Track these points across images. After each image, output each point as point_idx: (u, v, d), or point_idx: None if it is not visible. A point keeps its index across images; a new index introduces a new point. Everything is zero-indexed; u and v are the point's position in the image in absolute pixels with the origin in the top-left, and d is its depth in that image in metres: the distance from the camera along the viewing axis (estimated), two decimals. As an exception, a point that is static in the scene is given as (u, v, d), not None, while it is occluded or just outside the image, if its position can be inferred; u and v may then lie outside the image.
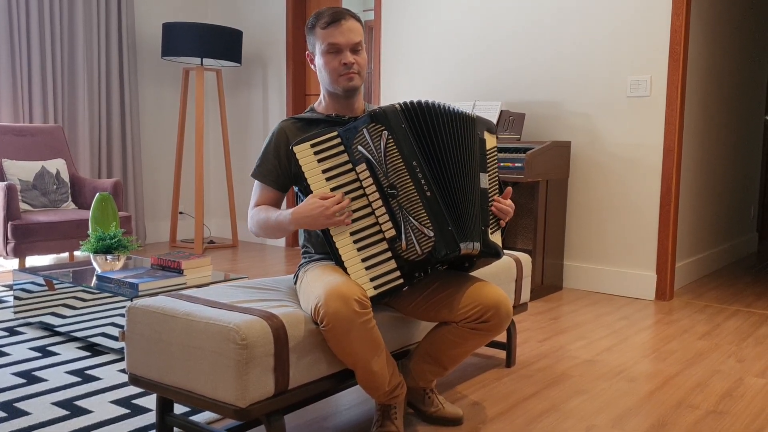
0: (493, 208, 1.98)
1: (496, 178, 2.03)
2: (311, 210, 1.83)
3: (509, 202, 2.02)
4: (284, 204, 5.39)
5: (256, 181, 2.07)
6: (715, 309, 3.80)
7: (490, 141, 2.04)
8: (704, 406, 2.35)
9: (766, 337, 3.25)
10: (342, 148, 1.88)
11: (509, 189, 2.03)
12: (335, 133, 1.89)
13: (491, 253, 1.94)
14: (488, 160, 2.00)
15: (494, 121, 4.17)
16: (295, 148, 1.88)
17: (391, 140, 1.86)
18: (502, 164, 3.82)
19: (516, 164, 3.76)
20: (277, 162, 2.03)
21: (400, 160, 1.86)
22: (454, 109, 1.96)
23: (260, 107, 5.87)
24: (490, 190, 1.98)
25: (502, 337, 2.99)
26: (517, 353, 2.89)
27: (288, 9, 5.60)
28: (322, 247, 2.07)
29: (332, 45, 1.98)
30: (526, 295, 2.80)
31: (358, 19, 2.03)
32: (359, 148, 1.86)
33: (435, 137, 1.90)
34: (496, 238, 1.97)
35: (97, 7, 5.16)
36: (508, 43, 4.44)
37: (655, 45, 3.90)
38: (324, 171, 1.87)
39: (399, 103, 1.92)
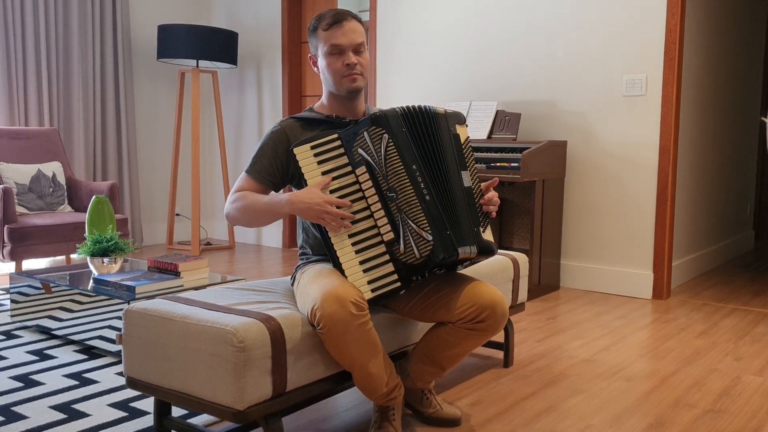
0: (482, 201, 1.96)
1: (475, 170, 2.00)
2: (311, 198, 1.84)
3: (493, 193, 2.00)
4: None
5: (245, 174, 2.04)
6: (712, 307, 3.81)
7: (463, 133, 2.00)
8: (702, 405, 2.36)
9: (763, 335, 3.26)
10: (342, 150, 1.89)
11: (495, 179, 2.00)
12: (335, 136, 1.89)
13: (486, 252, 1.94)
14: (465, 156, 1.97)
15: (490, 120, 4.18)
16: (296, 150, 1.88)
17: (392, 144, 1.87)
18: (498, 164, 3.82)
19: (512, 164, 3.76)
20: (273, 160, 2.02)
21: (401, 164, 1.86)
22: (433, 109, 1.95)
23: (256, 109, 5.87)
24: (474, 187, 1.97)
25: (499, 337, 2.99)
26: (514, 353, 2.90)
27: (283, 10, 5.60)
28: (319, 249, 2.07)
29: (335, 46, 1.98)
30: (523, 294, 2.80)
31: (359, 20, 2.03)
32: (359, 150, 1.87)
33: (432, 142, 1.91)
34: (487, 235, 1.97)
35: (92, 9, 5.15)
36: (503, 43, 4.44)
37: (651, 44, 3.90)
38: (324, 173, 1.88)
39: (400, 107, 1.92)
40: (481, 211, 1.96)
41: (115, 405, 2.25)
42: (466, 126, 2.06)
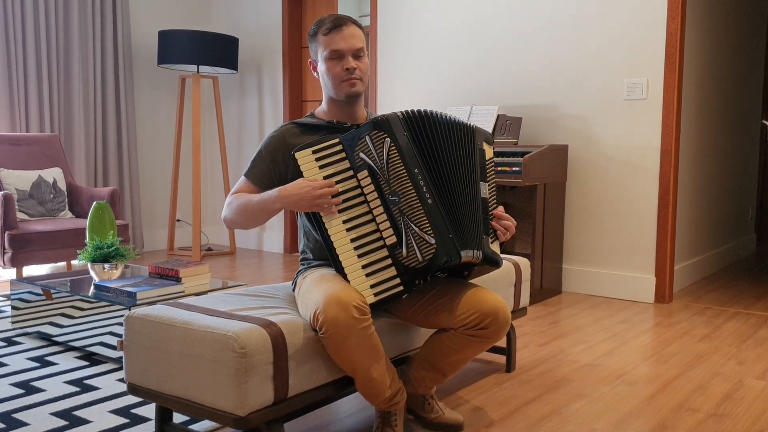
0: (494, 223, 1.99)
1: (494, 188, 2.04)
2: (299, 188, 1.85)
3: (509, 217, 2.04)
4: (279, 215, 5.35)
5: (243, 178, 2.06)
6: (715, 311, 3.80)
7: (489, 152, 2.05)
8: (705, 409, 2.35)
9: (766, 339, 3.25)
10: (343, 155, 1.89)
11: (501, 207, 2.04)
12: (337, 140, 1.90)
13: (491, 262, 1.94)
14: (487, 171, 2.01)
15: (491, 125, 4.17)
16: (297, 154, 1.88)
17: (394, 148, 1.87)
18: (499, 168, 3.82)
19: (514, 168, 3.76)
20: (271, 165, 2.03)
21: (402, 168, 1.86)
22: (452, 118, 1.97)
23: (256, 114, 5.87)
24: (489, 200, 1.99)
25: (501, 342, 2.98)
26: (516, 358, 2.89)
27: (284, 15, 5.60)
28: (320, 254, 2.06)
29: (334, 51, 1.98)
30: (525, 299, 2.80)
31: (359, 26, 2.04)
32: (361, 155, 1.87)
33: (436, 146, 1.92)
34: (495, 247, 1.98)
35: (92, 15, 5.16)
36: (504, 47, 4.44)
37: (651, 48, 3.91)
38: (326, 177, 1.88)
39: (401, 111, 1.93)
40: (492, 225, 1.98)
41: (116, 411, 2.24)
42: (493, 147, 2.08)
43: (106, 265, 2.99)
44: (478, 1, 4.53)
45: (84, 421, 2.16)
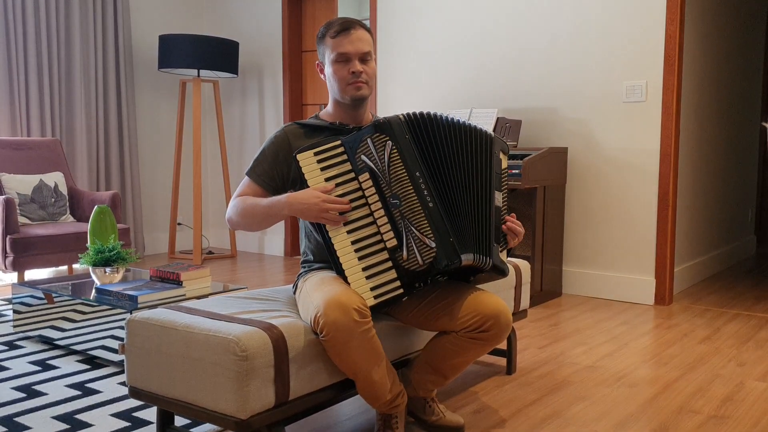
0: (505, 227, 1.99)
1: (506, 196, 2.04)
2: (308, 198, 1.85)
3: (519, 222, 2.04)
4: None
5: (246, 178, 2.06)
6: (715, 313, 3.80)
7: (504, 161, 2.05)
8: (705, 411, 2.35)
9: (766, 340, 3.25)
10: (345, 157, 1.89)
11: (513, 215, 2.04)
12: (338, 142, 1.90)
13: (498, 271, 1.94)
14: (502, 180, 2.01)
15: (491, 128, 4.18)
16: (299, 156, 1.89)
17: (395, 150, 1.87)
18: (499, 171, 3.83)
19: (513, 171, 3.77)
20: (274, 165, 2.03)
21: (404, 171, 1.87)
22: (464, 122, 1.96)
23: (257, 118, 5.88)
24: (502, 208, 1.99)
25: (502, 345, 2.99)
26: (517, 360, 2.89)
27: (284, 20, 5.62)
28: (321, 255, 2.07)
29: (341, 54, 1.99)
30: (525, 301, 2.80)
31: (368, 30, 2.04)
32: (363, 157, 1.88)
33: (439, 149, 1.92)
34: (503, 256, 1.98)
35: (93, 20, 5.17)
36: (503, 49, 4.45)
37: (650, 51, 3.91)
38: (327, 179, 1.88)
39: (403, 114, 1.93)
40: (503, 232, 1.98)
41: (117, 415, 2.25)
42: (508, 158, 2.08)
43: (108, 269, 2.99)
44: (477, 4, 4.54)
45: (85, 425, 2.16)
